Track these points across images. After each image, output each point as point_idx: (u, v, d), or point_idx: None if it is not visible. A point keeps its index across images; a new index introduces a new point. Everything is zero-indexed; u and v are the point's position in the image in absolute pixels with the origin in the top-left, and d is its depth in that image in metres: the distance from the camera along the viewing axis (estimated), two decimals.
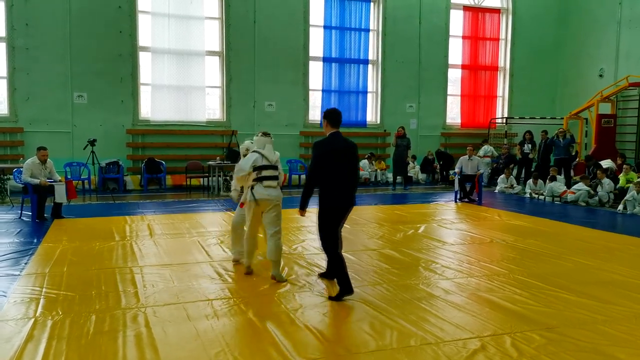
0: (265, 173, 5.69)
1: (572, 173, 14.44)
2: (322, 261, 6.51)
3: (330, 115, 5.29)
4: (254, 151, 5.79)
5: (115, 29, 13.92)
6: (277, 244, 5.69)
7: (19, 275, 5.83)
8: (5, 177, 11.69)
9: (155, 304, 4.93)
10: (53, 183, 9.30)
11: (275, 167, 5.78)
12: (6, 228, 8.25)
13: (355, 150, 5.30)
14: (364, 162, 15.60)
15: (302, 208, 5.27)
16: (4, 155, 13.08)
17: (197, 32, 14.58)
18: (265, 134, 5.90)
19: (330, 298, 5.10)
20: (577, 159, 15.02)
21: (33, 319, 4.51)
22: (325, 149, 5.15)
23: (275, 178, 5.75)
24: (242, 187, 6.18)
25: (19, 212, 9.65)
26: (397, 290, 5.38)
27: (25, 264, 6.30)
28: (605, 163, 13.77)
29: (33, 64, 13.29)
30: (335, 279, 5.30)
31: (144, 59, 14.41)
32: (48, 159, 9.47)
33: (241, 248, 6.20)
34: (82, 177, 13.04)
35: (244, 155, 6.02)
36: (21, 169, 9.69)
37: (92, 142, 11.76)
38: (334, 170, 5.10)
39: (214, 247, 7.27)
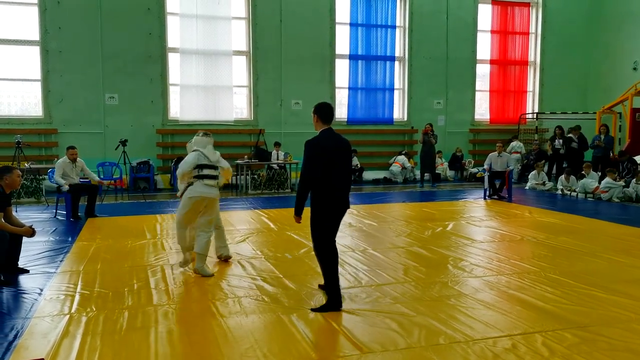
0: (205, 172, 5.85)
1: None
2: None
3: (322, 110, 4.82)
4: (194, 150, 5.92)
5: (145, 31, 14.16)
6: (209, 239, 5.92)
7: (54, 272, 5.99)
8: (40, 177, 12.02)
9: (186, 300, 5.01)
10: (84, 183, 9.52)
11: (215, 167, 5.92)
12: (42, 227, 8.46)
13: (350, 148, 4.88)
14: (401, 158, 15.56)
15: (298, 214, 4.79)
16: (39, 156, 13.42)
17: (224, 32, 14.71)
18: (206, 134, 6.04)
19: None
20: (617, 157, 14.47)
21: (68, 315, 4.63)
22: (319, 148, 4.67)
23: (215, 177, 5.92)
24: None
25: (54, 211, 9.92)
26: (425, 288, 5.35)
27: (61, 261, 6.48)
28: None
29: (66, 66, 13.61)
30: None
31: (172, 59, 14.62)
32: (78, 158, 9.66)
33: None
34: (114, 176, 13.31)
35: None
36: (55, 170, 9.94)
37: (124, 143, 12.03)
38: (329, 171, 4.64)
39: (242, 245, 7.34)
